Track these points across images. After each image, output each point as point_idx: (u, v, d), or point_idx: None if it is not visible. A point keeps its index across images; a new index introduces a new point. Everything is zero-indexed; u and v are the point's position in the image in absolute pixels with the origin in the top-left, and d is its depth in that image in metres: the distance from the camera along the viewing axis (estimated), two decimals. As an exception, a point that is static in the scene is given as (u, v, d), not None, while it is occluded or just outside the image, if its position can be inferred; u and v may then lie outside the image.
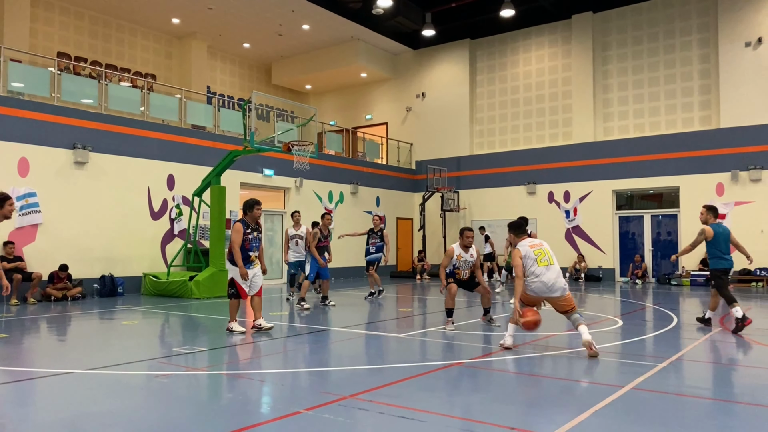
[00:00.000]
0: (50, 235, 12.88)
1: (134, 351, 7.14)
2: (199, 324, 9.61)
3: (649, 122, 19.36)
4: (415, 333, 8.36)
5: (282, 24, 20.68)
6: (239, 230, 8.00)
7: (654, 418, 4.29)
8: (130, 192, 14.35)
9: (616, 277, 19.19)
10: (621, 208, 19.63)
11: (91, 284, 13.45)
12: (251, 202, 8.25)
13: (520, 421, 4.27)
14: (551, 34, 21.26)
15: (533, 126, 21.56)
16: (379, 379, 5.49)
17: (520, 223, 7.28)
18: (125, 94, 15.55)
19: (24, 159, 12.57)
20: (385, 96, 24.71)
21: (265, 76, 25.02)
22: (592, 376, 5.79)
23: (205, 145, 16.07)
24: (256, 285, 8.20)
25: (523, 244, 6.89)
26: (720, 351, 7.22)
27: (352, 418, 4.30)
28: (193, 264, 14.38)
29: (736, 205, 17.21)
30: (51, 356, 6.97)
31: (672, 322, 9.21)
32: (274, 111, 22.60)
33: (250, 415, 4.41)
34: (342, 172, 20.42)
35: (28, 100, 13.14)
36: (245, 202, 8.33)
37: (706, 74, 18.44)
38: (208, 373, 5.90)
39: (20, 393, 5.16)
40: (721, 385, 5.54)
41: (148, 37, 20.83)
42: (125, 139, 14.36)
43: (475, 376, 5.71)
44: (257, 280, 8.22)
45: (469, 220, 21.92)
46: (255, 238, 8.16)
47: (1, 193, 6.44)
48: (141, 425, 4.19)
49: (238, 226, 8.04)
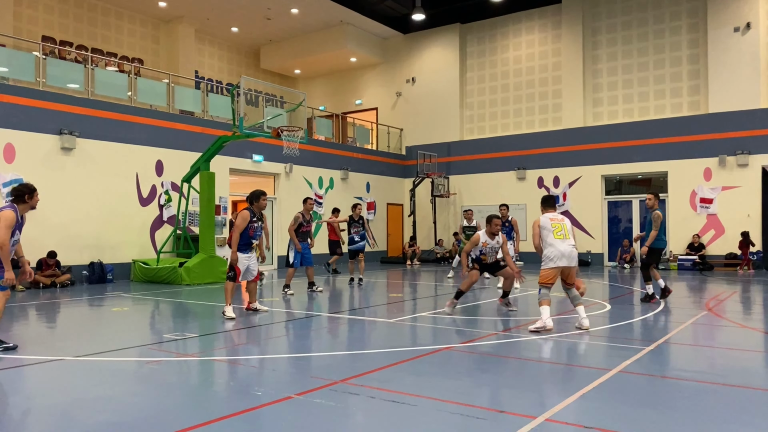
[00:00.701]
0: (38, 222, 12.76)
1: (124, 338, 7.13)
2: (190, 310, 9.61)
3: (639, 107, 19.42)
4: (405, 318, 8.40)
5: (270, 8, 20.46)
6: (246, 218, 8.38)
7: (641, 400, 4.35)
8: (118, 178, 14.23)
9: (604, 261, 19.34)
10: (610, 193, 19.74)
11: (79, 271, 13.37)
12: (258, 193, 8.61)
13: (508, 404, 4.32)
14: (541, 18, 21.20)
15: (523, 111, 21.57)
16: (369, 363, 5.52)
17: (548, 197, 7.78)
18: (112, 78, 15.36)
19: (10, 145, 12.42)
20: (375, 81, 24.59)
21: (253, 60, 24.80)
22: (580, 360, 5.86)
23: (193, 130, 15.94)
24: (253, 271, 8.57)
25: (545, 216, 7.46)
26: (706, 334, 7.32)
27: (343, 402, 4.33)
28: (183, 250, 14.32)
29: (723, 190, 17.35)
30: (40, 343, 6.94)
31: (659, 306, 9.31)
32: (263, 96, 22.43)
33: (241, 400, 4.43)
34: (332, 158, 20.36)
35: (12, 85, 12.95)
36: (252, 192, 8.68)
37: (695, 59, 18.49)
38: (199, 359, 5.91)
39: (10, 380, 5.14)
40: (708, 368, 5.62)
41: (134, 20, 20.55)
42: (113, 125, 14.21)
43: (464, 360, 5.76)
44: (254, 267, 8.58)
45: (459, 205, 21.97)
46: (258, 227, 8.56)
47: (28, 185, 6.44)
48: (132, 411, 4.19)
49: (246, 213, 8.42)
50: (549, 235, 7.27)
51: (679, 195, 18.05)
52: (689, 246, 17.55)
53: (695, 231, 17.63)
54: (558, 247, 7.19)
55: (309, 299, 10.60)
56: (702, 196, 17.63)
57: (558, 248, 7.19)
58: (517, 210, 19.99)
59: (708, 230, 17.59)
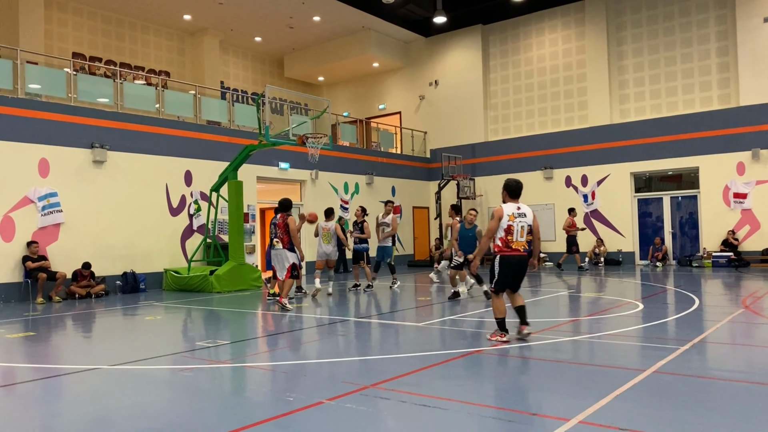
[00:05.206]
0: (72, 234, 13.08)
1: (158, 346, 7.25)
2: (221, 317, 9.73)
3: (666, 102, 19.08)
4: (434, 321, 8.38)
5: (293, 16, 20.66)
6: (295, 220, 10.22)
7: (677, 401, 4.27)
8: (148, 189, 14.50)
9: (636, 260, 19.01)
10: (640, 191, 19.41)
11: (113, 281, 13.65)
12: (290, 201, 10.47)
13: (541, 406, 4.28)
14: (564, 16, 21.00)
15: (548, 110, 21.36)
16: (399, 368, 5.52)
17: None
18: (140, 92, 15.68)
19: (44, 160, 12.76)
20: (398, 85, 24.63)
21: (277, 69, 25.06)
22: (614, 361, 5.77)
23: (220, 140, 16.17)
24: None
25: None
26: (744, 332, 7.15)
27: (374, 407, 4.33)
28: (213, 258, 14.52)
29: (757, 184, 16.92)
30: (77, 353, 7.11)
31: (694, 305, 9.12)
32: (288, 104, 22.63)
33: (273, 406, 4.47)
34: (357, 163, 20.43)
35: (45, 102, 13.31)
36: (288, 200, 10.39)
37: (724, 52, 18.10)
38: (231, 366, 5.98)
39: (49, 389, 5.28)
40: (746, 367, 5.49)
41: (160, 34, 20.95)
42: (142, 137, 14.50)
43: (495, 364, 5.72)
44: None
45: (486, 207, 21.84)
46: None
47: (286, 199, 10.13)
48: (166, 418, 4.26)
49: (294, 217, 10.24)
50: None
51: (711, 190, 17.66)
52: (723, 242, 17.15)
53: (729, 227, 17.22)
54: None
55: (339, 303, 10.63)
56: (735, 191, 17.22)
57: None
58: (545, 210, 19.81)
59: (743, 226, 17.16)
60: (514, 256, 6.54)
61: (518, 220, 6.56)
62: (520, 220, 6.56)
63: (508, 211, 6.60)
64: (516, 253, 6.54)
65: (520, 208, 6.66)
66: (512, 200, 6.76)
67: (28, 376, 5.69)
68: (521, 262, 6.62)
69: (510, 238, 6.53)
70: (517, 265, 6.60)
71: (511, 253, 6.54)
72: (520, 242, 6.54)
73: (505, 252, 6.55)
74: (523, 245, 6.56)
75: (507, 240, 6.53)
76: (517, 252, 6.55)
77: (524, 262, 6.67)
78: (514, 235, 6.53)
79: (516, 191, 6.80)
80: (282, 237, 10.04)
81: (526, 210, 6.69)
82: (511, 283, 6.69)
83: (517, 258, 6.57)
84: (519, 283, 6.77)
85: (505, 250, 6.55)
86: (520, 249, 6.55)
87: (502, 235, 6.55)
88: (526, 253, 6.63)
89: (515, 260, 6.56)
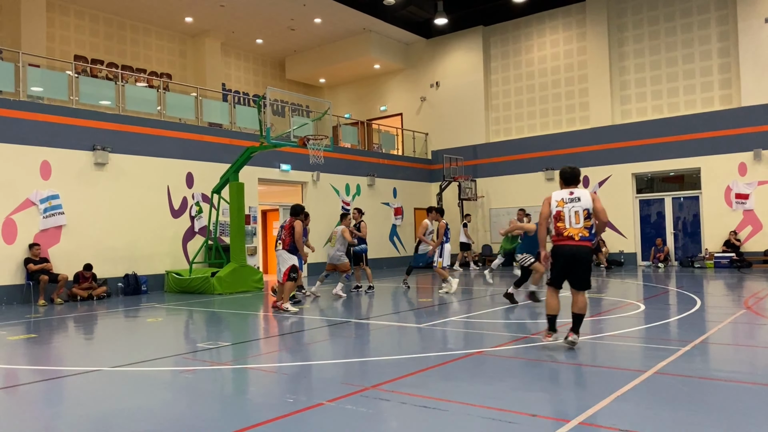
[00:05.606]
0: (74, 236, 13.10)
1: (159, 348, 7.26)
2: (223, 319, 9.73)
3: (668, 103, 19.07)
4: (436, 323, 8.37)
5: (294, 18, 20.69)
6: (302, 225, 10.16)
7: (678, 402, 4.26)
8: (150, 191, 14.52)
9: (638, 261, 18.99)
10: (641, 192, 19.40)
11: (115, 283, 13.67)
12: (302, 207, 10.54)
13: (542, 407, 4.27)
14: (565, 17, 21.00)
15: (550, 111, 21.36)
16: (400, 369, 5.52)
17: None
18: (142, 94, 15.71)
19: (46, 162, 12.78)
20: (399, 87, 24.65)
21: (279, 71, 25.09)
22: (615, 362, 5.76)
23: (222, 142, 16.19)
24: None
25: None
26: (746, 333, 7.14)
27: (375, 408, 4.33)
28: (215, 260, 14.53)
29: (759, 185, 16.90)
30: (79, 355, 7.12)
31: (695, 306, 9.11)
32: (289, 106, 22.66)
33: (274, 408, 4.47)
34: (358, 165, 20.44)
35: (47, 104, 13.34)
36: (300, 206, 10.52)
37: (725, 52, 18.09)
38: (232, 368, 5.99)
39: (50, 391, 5.28)
40: (748, 368, 5.48)
41: (162, 36, 21.00)
42: (143, 139, 14.52)
43: (496, 365, 5.71)
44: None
45: (487, 208, 21.84)
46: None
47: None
48: (167, 420, 4.27)
49: (301, 223, 10.14)
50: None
51: (713, 191, 17.64)
52: (725, 243, 17.13)
53: (731, 228, 17.20)
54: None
55: (339, 305, 10.64)
56: (737, 192, 17.19)
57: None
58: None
59: (745, 226, 17.14)
60: (565, 245, 5.97)
61: (569, 205, 5.98)
62: (572, 205, 5.97)
63: (557, 196, 6.10)
64: (569, 242, 5.95)
65: (573, 192, 6.07)
66: (567, 187, 6.21)
67: (30, 378, 5.70)
68: (576, 252, 5.95)
69: (561, 225, 5.98)
70: (569, 256, 5.97)
71: (563, 242, 5.99)
72: (575, 229, 5.93)
73: (557, 241, 6.04)
74: (578, 232, 5.92)
75: (558, 228, 6.01)
76: (569, 241, 5.94)
77: (581, 253, 5.96)
78: (566, 222, 5.96)
79: (569, 178, 6.21)
80: (284, 238, 10.13)
81: (581, 194, 6.05)
82: (563, 276, 6.10)
83: (569, 248, 5.96)
84: (579, 278, 6.05)
85: (556, 239, 6.05)
86: (575, 237, 5.92)
87: (553, 223, 6.06)
88: (585, 242, 5.94)
89: (566, 250, 5.97)
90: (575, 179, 6.21)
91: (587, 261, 6.04)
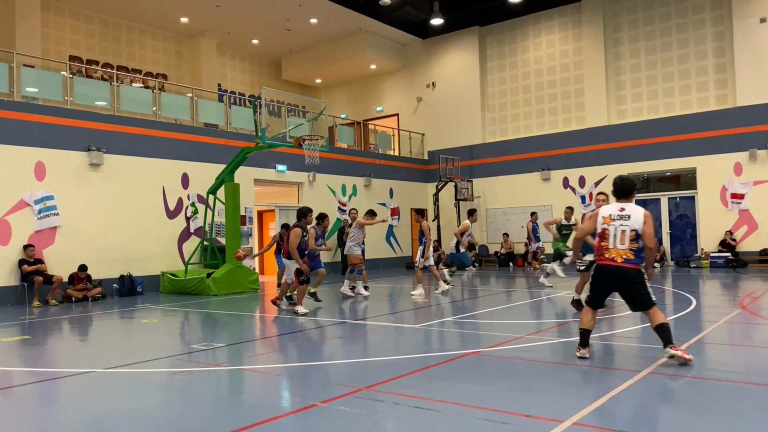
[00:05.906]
0: (69, 237, 13.06)
1: (154, 349, 7.24)
2: (218, 320, 9.71)
3: (664, 103, 19.10)
4: (432, 323, 8.36)
5: (290, 19, 20.67)
6: (298, 234, 9.43)
7: (673, 402, 4.27)
8: (145, 192, 14.48)
9: (634, 261, 18.97)
10: (637, 192, 19.38)
11: (110, 284, 13.62)
12: (305, 210, 9.74)
13: (536, 408, 4.27)
14: (561, 17, 21.03)
15: (546, 111, 21.38)
16: (394, 370, 5.51)
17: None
18: (137, 95, 15.67)
19: (40, 163, 12.73)
20: (396, 87, 24.64)
21: (275, 71, 25.06)
22: (609, 362, 5.76)
23: (217, 142, 16.15)
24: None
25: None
26: (741, 333, 7.14)
27: (368, 409, 4.32)
28: (210, 261, 14.50)
29: (755, 185, 16.94)
30: (73, 356, 7.09)
31: (691, 305, 9.12)
32: (285, 106, 22.63)
33: (268, 409, 4.46)
34: (354, 165, 20.43)
35: (42, 105, 13.29)
36: (300, 209, 9.79)
37: (720, 52, 18.13)
38: (227, 369, 5.97)
39: (44, 393, 5.26)
40: (743, 367, 5.48)
41: (157, 37, 20.95)
42: (139, 140, 14.48)
43: (491, 365, 5.71)
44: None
45: (484, 208, 21.84)
46: (306, 241, 9.73)
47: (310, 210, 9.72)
48: (162, 422, 4.25)
49: (297, 230, 9.46)
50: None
51: (709, 191, 17.68)
52: (721, 243, 17.16)
53: (727, 227, 17.24)
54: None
55: (334, 306, 10.62)
56: (733, 192, 17.23)
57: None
58: (542, 211, 19.79)
59: (740, 226, 17.18)
60: (606, 266, 5.49)
61: (616, 223, 5.46)
62: (620, 224, 5.44)
63: (605, 212, 5.59)
64: (610, 263, 5.45)
65: (624, 209, 5.51)
66: (619, 201, 5.68)
67: (24, 380, 5.68)
68: (616, 273, 5.44)
69: (605, 244, 5.50)
70: (610, 276, 5.48)
71: (604, 262, 5.51)
72: (620, 250, 5.40)
73: (599, 261, 5.58)
74: (622, 254, 5.39)
75: (600, 247, 5.55)
76: (611, 262, 5.44)
77: (623, 275, 5.41)
78: (610, 241, 5.47)
79: (621, 190, 5.66)
80: (283, 245, 10.26)
81: (632, 211, 5.47)
82: (603, 296, 5.66)
83: (609, 268, 5.47)
84: (632, 301, 5.53)
85: (598, 258, 5.61)
86: (618, 259, 5.41)
87: (597, 240, 5.61)
88: (628, 265, 5.39)
89: (606, 271, 5.50)
90: (627, 191, 5.65)
91: (632, 281, 5.42)
